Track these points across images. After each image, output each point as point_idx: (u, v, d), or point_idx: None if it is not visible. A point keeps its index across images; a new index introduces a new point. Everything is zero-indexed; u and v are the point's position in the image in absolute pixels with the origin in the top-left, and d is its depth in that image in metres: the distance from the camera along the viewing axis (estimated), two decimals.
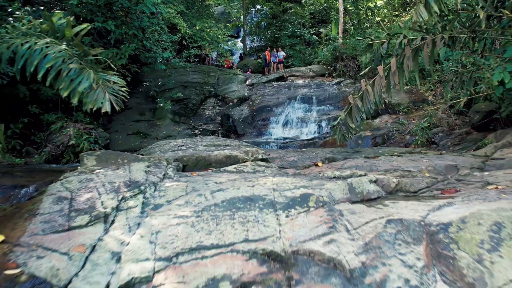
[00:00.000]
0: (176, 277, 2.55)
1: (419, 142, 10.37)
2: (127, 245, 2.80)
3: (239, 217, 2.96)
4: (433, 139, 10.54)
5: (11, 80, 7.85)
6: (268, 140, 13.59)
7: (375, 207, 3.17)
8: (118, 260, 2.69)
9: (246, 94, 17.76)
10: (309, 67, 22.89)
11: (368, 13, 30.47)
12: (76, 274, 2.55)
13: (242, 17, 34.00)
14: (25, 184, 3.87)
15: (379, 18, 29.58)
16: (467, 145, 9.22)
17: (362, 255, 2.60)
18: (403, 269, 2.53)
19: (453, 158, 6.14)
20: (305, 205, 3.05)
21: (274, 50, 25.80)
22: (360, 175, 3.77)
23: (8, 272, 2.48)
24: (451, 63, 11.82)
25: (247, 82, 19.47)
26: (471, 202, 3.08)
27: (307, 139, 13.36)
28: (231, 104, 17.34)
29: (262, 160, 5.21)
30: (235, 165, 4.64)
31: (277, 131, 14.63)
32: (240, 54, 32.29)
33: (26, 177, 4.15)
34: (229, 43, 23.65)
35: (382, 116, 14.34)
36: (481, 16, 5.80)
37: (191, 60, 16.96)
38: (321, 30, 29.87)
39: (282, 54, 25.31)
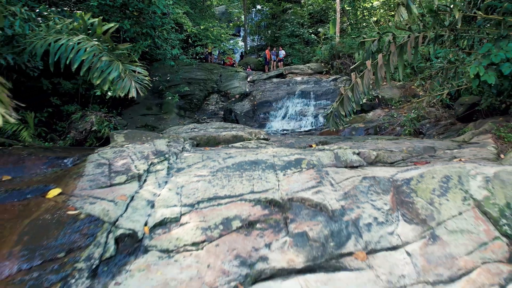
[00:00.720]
0: (198, 218, 3.25)
1: (407, 132, 11.06)
2: (159, 196, 3.51)
3: (246, 175, 3.66)
4: (420, 130, 11.22)
5: (27, 76, 8.55)
6: (268, 132, 14.29)
7: (355, 170, 3.87)
8: (152, 206, 3.40)
9: (247, 90, 18.44)
10: (307, 65, 23.52)
11: (365, 13, 31.07)
12: (121, 215, 3.25)
13: (243, 17, 34.63)
14: (66, 156, 4.56)
15: (375, 18, 30.17)
16: (450, 133, 9.90)
17: (342, 201, 3.30)
18: (373, 211, 3.23)
19: (432, 141, 6.82)
20: (299, 166, 3.75)
21: (274, 49, 26.44)
22: (345, 148, 4.47)
23: (69, 212, 3.19)
24: (439, 60, 12.47)
25: (248, 79, 20.14)
26: (432, 167, 3.78)
27: (304, 131, 14.08)
28: (233, 99, 18.01)
29: (264, 139, 5.90)
30: (241, 143, 5.35)
31: (276, 124, 15.33)
32: (241, 53, 32.93)
33: (64, 153, 4.83)
34: (231, 41, 24.32)
35: (375, 110, 15.04)
36: (456, 16, 6.49)
37: (197, 58, 17.63)
38: (319, 29, 30.49)
39: (282, 53, 25.97)
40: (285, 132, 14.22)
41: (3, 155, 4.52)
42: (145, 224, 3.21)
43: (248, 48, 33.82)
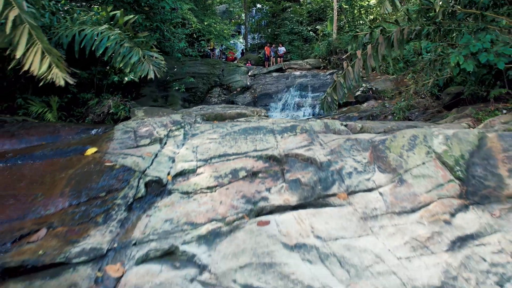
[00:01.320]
0: (211, 169, 3.91)
1: (396, 118, 11.71)
2: (178, 153, 4.16)
3: (250, 138, 4.32)
4: (409, 117, 11.85)
5: None
6: None
7: (341, 135, 4.53)
8: (173, 161, 4.05)
9: (248, 83, 19.07)
10: (306, 60, 24.15)
11: (362, 11, 31.64)
12: (148, 167, 3.91)
13: (243, 15, 35.20)
14: (94, 127, 5.22)
15: (372, 16, 30.72)
16: (436, 119, 10.54)
17: (328, 156, 3.96)
18: (354, 163, 3.89)
19: (415, 122, 7.48)
20: (294, 131, 4.41)
21: (273, 45, 27.05)
22: (334, 120, 5.13)
23: (106, 164, 3.84)
24: (429, 54, 13.09)
25: (249, 73, 20.77)
26: (403, 130, 4.43)
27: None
28: (234, 92, 18.64)
29: (265, 116, 6.56)
30: (245, 118, 6.01)
31: (276, 114, 15.97)
32: (242, 50, 33.53)
33: (91, 125, 5.48)
34: (234, 38, 24.94)
35: (369, 101, 15.70)
36: (437, 10, 7.12)
37: (202, 51, 18.27)
38: (317, 27, 31.08)
39: (282, 49, 26.59)
40: None
41: (40, 126, 5.18)
42: (168, 174, 3.87)
43: (249, 46, 34.41)
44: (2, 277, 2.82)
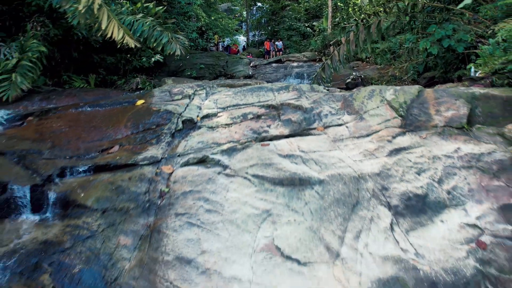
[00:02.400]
0: (227, 114, 5.28)
1: None
2: (203, 104, 5.53)
3: (255, 94, 5.68)
4: None
5: (87, 50, 10.50)
6: None
7: (322, 92, 5.90)
8: (200, 108, 5.42)
9: (250, 73, 20.37)
10: (303, 53, 25.42)
11: (356, 9, 32.82)
12: (183, 112, 5.27)
13: (244, 13, 36.38)
14: (135, 92, 6.58)
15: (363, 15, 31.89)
16: None
17: (311, 104, 5.32)
18: (329, 109, 5.25)
19: None
20: (287, 89, 5.77)
21: (273, 41, 28.35)
22: (319, 85, 6.47)
23: (154, 108, 5.21)
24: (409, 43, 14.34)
25: (251, 64, 22.06)
26: (367, 86, 5.78)
27: None
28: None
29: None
30: (250, 86, 7.35)
31: None
32: (243, 46, 34.78)
33: (131, 92, 6.83)
34: (236, 34, 26.19)
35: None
36: (405, 3, 8.43)
37: (206, 45, 19.54)
38: (314, 23, 32.30)
39: (280, 44, 27.89)
40: None
41: (94, 90, 6.55)
42: (197, 116, 5.23)
43: (250, 42, 35.63)
44: (96, 171, 4.20)
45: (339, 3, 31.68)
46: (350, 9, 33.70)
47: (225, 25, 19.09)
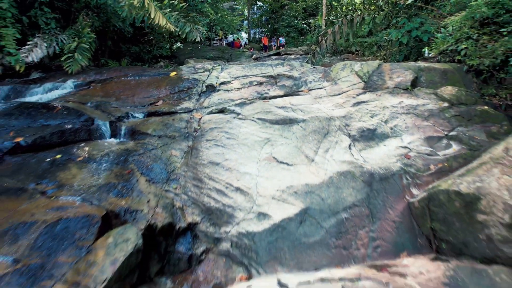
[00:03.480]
0: (238, 81, 6.88)
1: None
2: (220, 75, 7.12)
3: (258, 68, 7.28)
4: None
5: (118, 40, 12.03)
6: None
7: (309, 67, 7.49)
8: (218, 78, 7.01)
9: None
10: (299, 47, 26.91)
11: (349, 7, 34.21)
12: (205, 80, 6.87)
13: (246, 12, 37.77)
14: (165, 68, 8.16)
15: (358, 12, 33.30)
16: None
17: (300, 74, 6.93)
18: (313, 77, 6.86)
19: None
20: (282, 65, 7.36)
21: (275, 37, 29.87)
22: (307, 63, 8.06)
23: (184, 77, 6.81)
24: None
25: (253, 57, 23.54)
26: (340, 62, 7.38)
27: None
28: None
29: None
30: (254, 63, 8.98)
31: None
32: (245, 42, 36.26)
33: (162, 69, 8.41)
34: (241, 28, 27.66)
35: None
36: (381, 2, 9.96)
37: (217, 36, 21.00)
38: (310, 21, 33.71)
39: (282, 40, 29.46)
40: None
41: (133, 67, 8.12)
42: (216, 82, 6.83)
43: (251, 39, 37.07)
44: (149, 115, 5.80)
45: (333, 2, 33.13)
46: (344, 8, 35.19)
47: (230, 21, 20.55)
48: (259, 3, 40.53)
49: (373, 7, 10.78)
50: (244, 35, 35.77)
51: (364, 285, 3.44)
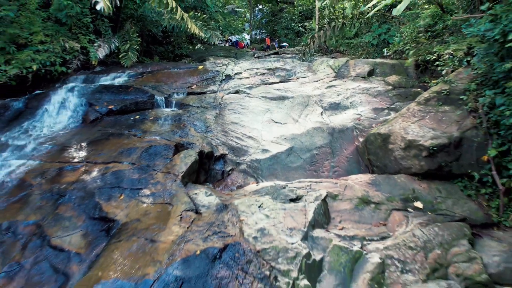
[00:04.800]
0: (247, 72, 9.23)
1: None
2: (234, 68, 9.45)
3: (261, 63, 9.59)
4: None
5: (149, 43, 14.27)
6: None
7: (298, 63, 9.83)
8: (233, 70, 9.35)
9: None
10: (296, 48, 29.18)
11: (341, 12, 36.37)
12: (224, 71, 9.20)
13: (248, 15, 39.91)
14: (193, 64, 10.47)
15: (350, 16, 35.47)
16: None
17: (291, 67, 9.26)
18: (300, 70, 9.19)
19: None
20: (279, 60, 9.67)
21: (277, 40, 32.17)
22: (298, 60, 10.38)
23: (208, 69, 9.16)
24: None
25: (255, 56, 25.81)
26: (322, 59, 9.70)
27: None
28: None
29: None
30: (258, 59, 11.29)
31: None
32: (247, 43, 38.49)
33: (189, 64, 10.73)
34: (244, 30, 29.89)
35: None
36: (354, 12, 12.22)
37: (224, 37, 23.25)
38: (305, 24, 35.87)
39: (285, 44, 31.77)
40: None
41: (170, 62, 10.44)
42: (232, 73, 9.16)
43: (253, 38, 39.27)
44: (188, 94, 8.14)
45: (325, 8, 35.26)
46: (336, 12, 37.33)
47: (235, 25, 22.79)
48: (260, 6, 42.58)
49: (350, 16, 13.04)
50: (246, 36, 37.92)
51: (323, 184, 5.78)
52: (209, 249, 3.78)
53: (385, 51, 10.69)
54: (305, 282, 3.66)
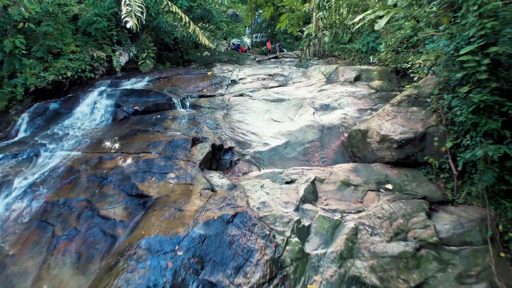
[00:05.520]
0: (250, 77, 10.34)
1: None
2: (238, 73, 10.55)
3: (263, 69, 10.67)
4: None
5: (161, 49, 15.34)
6: None
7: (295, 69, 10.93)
8: (237, 76, 10.44)
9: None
10: (294, 52, 30.26)
11: (338, 18, 37.40)
12: (230, 76, 10.31)
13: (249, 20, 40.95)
14: (202, 70, 11.56)
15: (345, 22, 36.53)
16: None
17: (288, 73, 10.37)
18: (296, 75, 10.31)
19: None
20: (277, 67, 10.76)
21: (278, 44, 33.27)
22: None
23: (216, 75, 10.26)
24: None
25: (256, 59, 26.90)
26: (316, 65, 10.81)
27: None
28: None
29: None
30: (259, 66, 12.41)
31: None
32: (248, 46, 39.56)
33: (199, 70, 11.83)
34: (246, 35, 31.00)
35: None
36: (334, 19, 13.30)
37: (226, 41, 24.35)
38: (304, 29, 36.92)
39: (285, 50, 32.87)
40: None
41: (182, 68, 11.55)
42: (236, 78, 10.27)
43: (253, 42, 40.34)
44: (199, 97, 9.25)
45: (323, 14, 36.28)
46: (332, 18, 38.38)
47: (238, 32, 23.88)
48: (260, 11, 43.39)
49: (343, 26, 14.12)
50: (247, 40, 38.95)
51: (313, 171, 6.87)
52: (224, 215, 4.88)
53: (371, 58, 11.77)
54: (296, 239, 4.77)
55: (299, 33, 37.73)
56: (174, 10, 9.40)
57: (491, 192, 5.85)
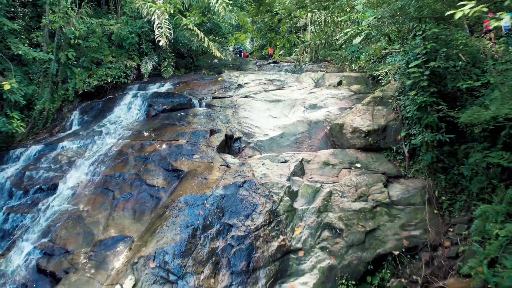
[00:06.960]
0: (253, 82, 12.07)
1: None
2: (244, 79, 12.29)
3: (263, 76, 12.41)
4: None
5: (176, 57, 17.07)
6: None
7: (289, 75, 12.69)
8: (243, 80, 12.19)
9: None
10: (291, 57, 31.99)
11: (332, 25, 39.07)
12: (237, 81, 12.05)
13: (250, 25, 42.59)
14: (213, 75, 13.30)
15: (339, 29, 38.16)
16: None
17: (284, 79, 12.14)
18: (291, 80, 12.09)
19: None
20: (275, 73, 12.51)
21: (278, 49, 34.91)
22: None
23: (226, 80, 12.02)
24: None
25: (257, 64, 28.61)
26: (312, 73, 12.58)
27: None
28: None
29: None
30: (261, 72, 14.11)
31: None
32: (250, 52, 41.28)
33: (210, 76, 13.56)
34: (247, 41, 32.71)
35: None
36: (323, 33, 15.05)
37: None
38: (300, 35, 38.56)
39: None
40: None
41: (197, 74, 13.30)
42: (242, 82, 12.02)
43: (254, 47, 42.04)
44: (213, 98, 11.01)
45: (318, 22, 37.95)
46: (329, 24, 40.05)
47: (242, 40, 25.61)
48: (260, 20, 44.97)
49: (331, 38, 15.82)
50: (249, 46, 40.58)
51: (301, 155, 8.62)
52: (237, 182, 6.65)
53: (353, 66, 13.50)
54: (287, 198, 6.54)
55: (296, 39, 39.50)
56: (191, 28, 11.14)
57: (432, 169, 7.60)
